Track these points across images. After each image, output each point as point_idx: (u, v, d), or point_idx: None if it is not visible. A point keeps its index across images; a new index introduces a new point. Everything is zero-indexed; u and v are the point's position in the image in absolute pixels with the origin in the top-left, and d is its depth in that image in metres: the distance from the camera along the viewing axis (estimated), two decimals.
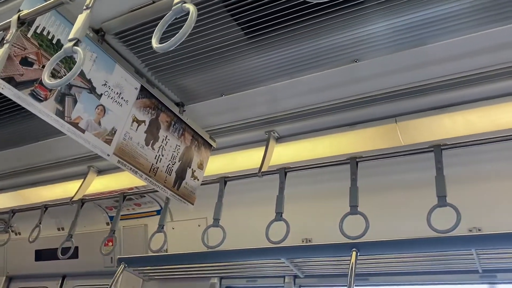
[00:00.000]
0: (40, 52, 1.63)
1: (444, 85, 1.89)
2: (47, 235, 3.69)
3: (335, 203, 2.17)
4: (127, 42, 1.87)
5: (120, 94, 1.90)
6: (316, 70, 1.92)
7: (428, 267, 2.31)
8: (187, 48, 1.86)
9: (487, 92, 1.88)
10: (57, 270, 3.83)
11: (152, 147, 2.08)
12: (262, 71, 1.97)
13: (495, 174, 2.27)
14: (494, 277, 2.27)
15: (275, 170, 2.28)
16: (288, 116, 2.27)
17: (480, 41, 1.68)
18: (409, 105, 2.04)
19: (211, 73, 2.01)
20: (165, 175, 2.16)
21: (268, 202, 2.31)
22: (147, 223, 3.40)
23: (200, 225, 3.11)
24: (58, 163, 3.04)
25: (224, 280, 3.02)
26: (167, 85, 2.12)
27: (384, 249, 2.15)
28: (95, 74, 1.80)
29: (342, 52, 1.80)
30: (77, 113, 1.74)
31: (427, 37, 1.68)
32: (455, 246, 2.02)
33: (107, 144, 1.86)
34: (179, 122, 2.23)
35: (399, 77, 1.91)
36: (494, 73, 1.79)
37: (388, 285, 2.58)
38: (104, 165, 3.00)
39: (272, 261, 2.55)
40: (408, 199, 2.44)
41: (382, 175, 2.49)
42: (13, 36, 1.44)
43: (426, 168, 2.18)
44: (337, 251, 2.24)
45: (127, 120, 1.94)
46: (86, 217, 3.38)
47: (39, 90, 1.62)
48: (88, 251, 3.58)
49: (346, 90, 2.06)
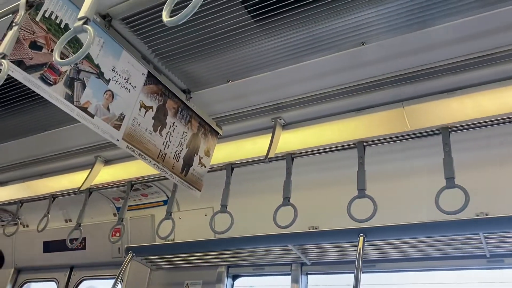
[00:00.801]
0: (49, 36, 1.64)
1: (452, 68, 1.88)
2: (54, 227, 3.72)
3: (342, 191, 2.17)
4: (133, 27, 1.88)
5: (128, 79, 1.91)
6: (323, 54, 1.92)
7: (436, 252, 2.31)
8: (194, 33, 1.86)
9: (497, 74, 1.87)
10: (65, 262, 3.86)
11: (160, 133, 2.08)
12: (269, 56, 1.97)
13: (503, 159, 2.26)
14: (502, 262, 2.27)
15: (282, 156, 2.29)
16: (294, 102, 2.27)
17: (489, 22, 1.67)
18: (416, 89, 2.03)
19: (217, 59, 2.02)
20: (173, 161, 2.17)
21: (275, 191, 2.32)
22: (154, 213, 3.42)
23: (207, 214, 3.12)
24: (66, 153, 3.06)
25: (231, 268, 3.04)
26: (174, 71, 2.13)
27: (391, 234, 2.15)
28: (103, 59, 1.81)
29: (349, 35, 1.80)
30: (86, 97, 1.75)
31: (435, 18, 1.67)
32: (463, 229, 2.02)
33: (116, 130, 1.87)
34: (185, 109, 2.24)
35: (406, 60, 1.91)
36: (503, 54, 1.77)
37: (395, 271, 2.58)
38: (111, 155, 3.02)
39: (279, 248, 2.56)
40: (416, 186, 2.43)
41: (389, 162, 2.49)
42: (21, 19, 1.45)
43: (434, 154, 2.18)
44: (344, 236, 2.24)
45: (135, 106, 1.95)
46: (93, 209, 3.40)
47: (48, 74, 1.63)
48: (96, 242, 3.61)
49: (352, 74, 2.05)
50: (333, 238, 2.31)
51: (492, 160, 2.28)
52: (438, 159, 1.97)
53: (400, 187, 2.51)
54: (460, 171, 1.95)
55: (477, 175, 2.28)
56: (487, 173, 2.29)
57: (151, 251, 3.00)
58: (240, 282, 3.05)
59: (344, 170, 2.44)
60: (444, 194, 1.87)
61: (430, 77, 1.94)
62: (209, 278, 3.04)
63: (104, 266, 3.63)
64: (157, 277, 3.28)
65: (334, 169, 2.64)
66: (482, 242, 2.09)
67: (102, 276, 3.70)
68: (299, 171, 2.39)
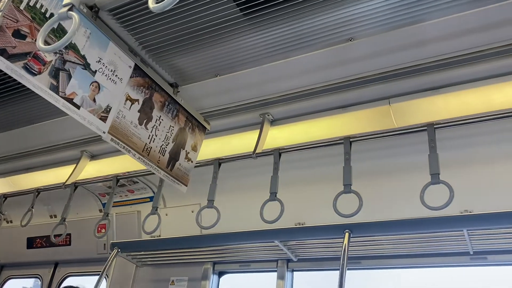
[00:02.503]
0: (33, 25, 1.62)
1: (438, 65, 1.89)
2: (39, 222, 3.68)
3: (328, 187, 2.18)
4: (121, 19, 1.86)
5: (114, 71, 1.89)
6: (311, 49, 1.92)
7: (420, 249, 2.33)
8: (181, 26, 1.85)
9: (482, 72, 1.88)
10: (49, 258, 3.81)
11: (145, 127, 2.07)
12: (258, 50, 1.96)
13: (488, 157, 2.29)
14: (485, 259, 2.30)
15: (269, 151, 2.28)
16: (282, 98, 2.27)
17: (474, 20, 1.69)
18: (403, 86, 2.04)
19: (205, 52, 2.00)
20: (158, 155, 2.16)
21: (262, 187, 2.32)
22: (140, 209, 3.40)
23: (194, 211, 3.11)
24: (51, 147, 3.01)
25: (217, 265, 3.03)
26: (161, 64, 2.11)
27: (376, 230, 2.17)
28: (89, 50, 1.79)
29: (337, 30, 1.80)
30: (72, 88, 1.73)
31: (422, 14, 1.68)
32: (447, 226, 2.05)
33: (103, 122, 1.85)
34: (173, 103, 2.23)
35: (393, 57, 1.92)
36: (489, 52, 1.79)
37: (380, 268, 2.59)
38: (97, 149, 2.98)
39: (265, 245, 2.56)
40: (402, 182, 2.45)
41: (376, 158, 2.51)
42: (5, 6, 1.43)
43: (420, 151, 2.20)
44: (330, 232, 2.25)
45: (121, 98, 1.93)
46: (78, 204, 3.36)
47: (32, 64, 1.61)
48: (81, 237, 3.57)
49: (340, 71, 2.06)
50: (319, 234, 2.32)
51: (477, 158, 2.31)
52: (424, 156, 1.98)
53: (386, 183, 2.53)
54: (445, 168, 1.97)
55: (462, 173, 2.31)
56: (472, 171, 2.32)
57: (136, 247, 2.98)
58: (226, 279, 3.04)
59: (331, 167, 2.44)
60: (429, 191, 1.89)
61: (416, 74, 1.95)
62: (195, 275, 3.03)
63: (89, 262, 3.60)
64: (142, 273, 3.26)
65: (322, 165, 2.65)
66: (466, 239, 2.12)
67: (87, 272, 3.67)
68: (286, 167, 2.40)
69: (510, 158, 2.19)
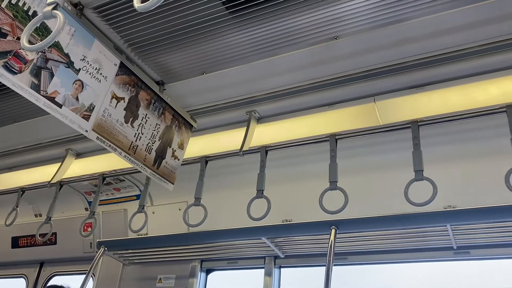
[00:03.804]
0: (15, 24, 1.59)
1: (421, 63, 1.91)
2: (24, 221, 3.63)
3: (314, 185, 2.19)
4: (106, 17, 1.84)
5: (99, 69, 1.88)
6: (297, 47, 1.93)
7: (405, 244, 2.36)
8: (167, 24, 1.84)
9: (463, 70, 1.91)
10: (34, 257, 3.77)
11: (131, 125, 2.06)
12: (244, 49, 1.96)
13: (470, 153, 2.33)
14: (468, 253, 2.34)
15: (256, 149, 2.29)
16: (268, 96, 2.27)
17: (455, 19, 1.71)
18: (387, 83, 2.06)
19: (191, 50, 2.00)
20: (144, 153, 2.15)
21: (249, 184, 2.33)
22: (126, 208, 3.38)
23: (181, 209, 3.11)
24: (35, 145, 2.98)
25: (205, 262, 3.03)
26: (147, 62, 2.10)
27: (362, 226, 2.19)
28: (73, 48, 1.77)
29: (322, 29, 1.82)
30: (54, 87, 1.71)
31: (405, 13, 1.70)
32: (431, 221, 2.08)
33: (85, 120, 1.84)
34: (159, 101, 2.22)
35: (378, 55, 1.93)
36: (470, 51, 1.82)
37: (366, 264, 2.63)
38: (83, 147, 2.96)
39: (252, 242, 2.57)
40: (387, 179, 2.48)
41: (361, 155, 2.53)
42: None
43: (404, 148, 2.23)
44: (317, 228, 2.27)
45: (106, 97, 1.92)
46: (64, 203, 3.33)
47: (13, 62, 1.59)
48: (67, 236, 3.54)
49: (325, 69, 2.07)
50: (306, 230, 2.34)
51: (460, 155, 2.34)
52: (408, 153, 2.01)
53: (372, 179, 2.56)
54: (429, 165, 2.00)
55: (446, 169, 2.35)
56: (455, 167, 2.36)
57: (123, 246, 2.96)
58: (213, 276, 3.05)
59: (318, 164, 2.46)
60: (414, 186, 1.91)
61: (400, 72, 1.97)
62: (182, 273, 3.03)
63: (75, 261, 3.56)
64: (129, 272, 3.25)
65: (308, 162, 2.66)
66: (449, 234, 2.15)
67: (73, 272, 3.63)
68: (273, 165, 2.41)
69: (492, 154, 2.23)
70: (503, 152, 2.01)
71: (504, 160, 1.86)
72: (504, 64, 1.86)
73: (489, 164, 2.24)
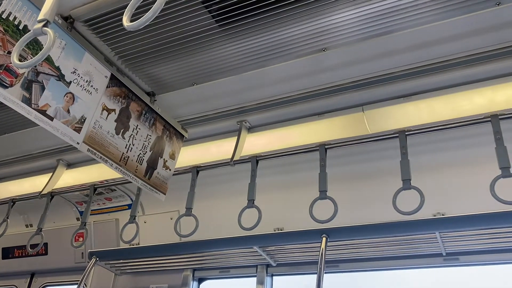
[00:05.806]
0: (6, 38, 1.60)
1: (409, 74, 1.95)
2: (15, 232, 3.61)
3: (306, 193, 2.22)
4: (96, 29, 1.86)
5: (90, 82, 1.89)
6: (287, 59, 1.96)
7: (395, 251, 2.39)
8: (157, 36, 1.86)
9: (449, 80, 1.95)
10: (25, 268, 3.74)
11: (122, 136, 2.07)
12: (233, 60, 1.98)
13: (457, 161, 2.37)
14: (457, 259, 2.37)
15: (247, 159, 2.31)
16: (259, 106, 2.30)
17: (442, 30, 1.75)
18: (376, 93, 2.10)
19: (182, 62, 2.02)
20: (136, 164, 2.16)
21: (240, 194, 2.35)
22: (118, 217, 3.37)
23: (172, 218, 3.11)
24: (26, 156, 2.97)
25: (197, 271, 3.03)
26: (138, 74, 2.11)
27: (352, 234, 2.21)
28: (64, 61, 1.78)
29: (311, 41, 1.84)
30: (45, 100, 1.72)
31: (392, 25, 1.73)
32: (420, 229, 2.10)
33: (77, 132, 1.84)
34: (150, 112, 2.23)
35: (365, 66, 1.97)
36: (455, 61, 1.86)
37: (357, 271, 2.65)
38: (74, 158, 2.95)
39: (244, 250, 2.58)
40: (376, 187, 2.51)
41: (350, 164, 2.56)
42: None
43: (392, 157, 2.27)
44: (308, 237, 2.29)
45: (97, 109, 1.93)
46: (55, 213, 3.33)
47: (4, 76, 1.59)
48: (58, 247, 3.52)
49: (314, 79, 2.10)
50: (297, 239, 2.35)
51: (448, 163, 2.38)
52: (396, 161, 2.04)
53: (362, 188, 2.59)
54: (418, 173, 2.03)
55: (434, 177, 2.38)
56: (443, 175, 2.40)
57: (115, 256, 2.95)
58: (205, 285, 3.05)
59: (308, 172, 2.48)
60: (403, 195, 1.95)
61: (388, 82, 2.01)
62: (174, 282, 3.03)
63: (66, 272, 3.54)
64: (121, 282, 3.24)
65: (299, 171, 2.69)
66: (438, 241, 2.18)
67: (65, 282, 3.61)
68: (264, 173, 2.43)
69: (478, 162, 2.27)
70: (489, 161, 2.04)
71: (491, 168, 1.89)
72: (489, 74, 1.91)
73: (475, 171, 2.28)
